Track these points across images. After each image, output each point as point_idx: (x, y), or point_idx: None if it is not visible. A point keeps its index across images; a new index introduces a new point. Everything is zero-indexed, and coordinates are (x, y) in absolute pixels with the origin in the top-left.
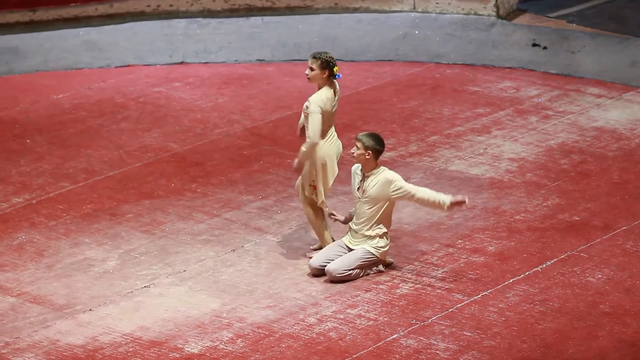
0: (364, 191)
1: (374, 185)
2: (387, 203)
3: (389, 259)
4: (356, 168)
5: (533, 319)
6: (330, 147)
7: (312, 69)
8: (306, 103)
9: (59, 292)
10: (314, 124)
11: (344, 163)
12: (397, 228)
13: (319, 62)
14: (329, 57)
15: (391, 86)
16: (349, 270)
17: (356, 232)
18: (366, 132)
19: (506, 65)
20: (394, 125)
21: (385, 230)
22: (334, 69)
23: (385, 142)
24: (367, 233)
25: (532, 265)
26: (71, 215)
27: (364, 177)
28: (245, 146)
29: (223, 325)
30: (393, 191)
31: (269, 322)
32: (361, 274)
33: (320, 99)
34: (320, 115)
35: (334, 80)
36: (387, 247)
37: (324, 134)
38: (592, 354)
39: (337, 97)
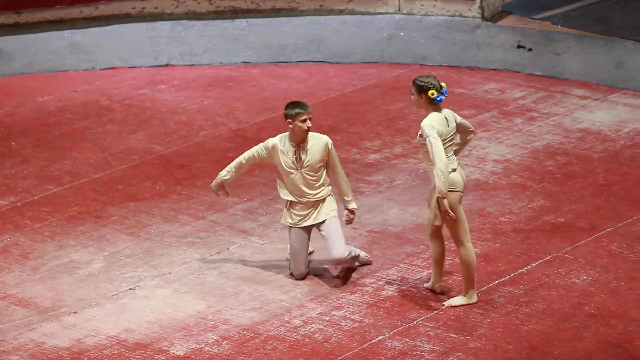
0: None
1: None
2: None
3: (368, 257)
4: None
5: (518, 321)
6: (454, 174)
7: (412, 94)
8: (419, 131)
9: (44, 294)
10: (435, 148)
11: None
12: (382, 230)
13: (414, 87)
14: (424, 82)
15: (376, 88)
16: (348, 245)
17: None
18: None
19: (491, 67)
20: (379, 127)
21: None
22: (429, 93)
23: (371, 144)
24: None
25: (517, 267)
26: (56, 218)
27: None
28: (230, 148)
29: (208, 328)
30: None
31: (254, 324)
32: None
33: (430, 123)
34: (438, 137)
35: (439, 104)
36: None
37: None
38: (577, 356)
39: (450, 125)
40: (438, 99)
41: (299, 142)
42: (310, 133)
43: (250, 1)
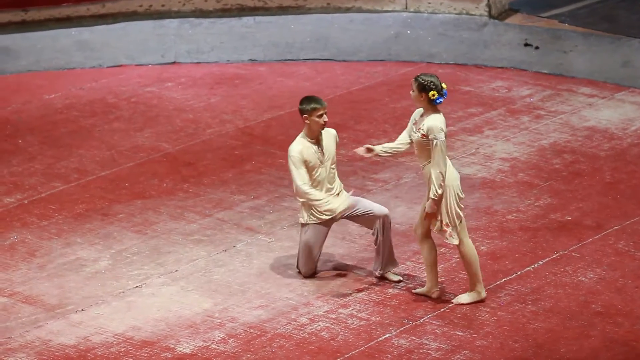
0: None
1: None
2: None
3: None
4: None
5: (525, 319)
6: (452, 172)
7: (412, 90)
8: (422, 129)
9: (51, 292)
10: (442, 153)
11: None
12: None
13: (416, 84)
14: (427, 81)
15: (383, 86)
16: None
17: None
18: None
19: (498, 65)
20: (386, 125)
21: None
22: (430, 93)
23: (378, 142)
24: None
25: (524, 265)
26: (63, 215)
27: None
28: (237, 146)
29: (215, 325)
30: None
31: (260, 322)
32: None
33: (438, 125)
34: (445, 142)
35: (435, 105)
36: None
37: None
38: (584, 354)
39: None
40: (438, 100)
41: (316, 137)
42: None
43: None
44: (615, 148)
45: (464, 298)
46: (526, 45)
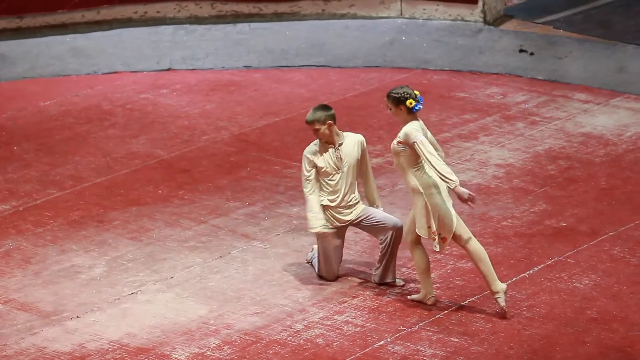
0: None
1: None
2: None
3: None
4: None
5: (520, 325)
6: (428, 178)
7: (389, 108)
8: (396, 139)
9: (46, 299)
10: (427, 148)
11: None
12: None
13: (390, 100)
14: (400, 93)
15: (378, 92)
16: None
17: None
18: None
19: (493, 71)
20: (381, 131)
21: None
22: (407, 102)
23: (373, 148)
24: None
25: (519, 271)
26: (58, 222)
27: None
28: (232, 153)
29: (210, 332)
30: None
31: (256, 329)
32: None
33: (413, 128)
34: (425, 139)
35: (416, 113)
36: None
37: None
38: None
39: (428, 135)
40: (416, 107)
41: (331, 141)
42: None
43: (252, 5)
44: (610, 154)
45: (501, 300)
46: (521, 51)
